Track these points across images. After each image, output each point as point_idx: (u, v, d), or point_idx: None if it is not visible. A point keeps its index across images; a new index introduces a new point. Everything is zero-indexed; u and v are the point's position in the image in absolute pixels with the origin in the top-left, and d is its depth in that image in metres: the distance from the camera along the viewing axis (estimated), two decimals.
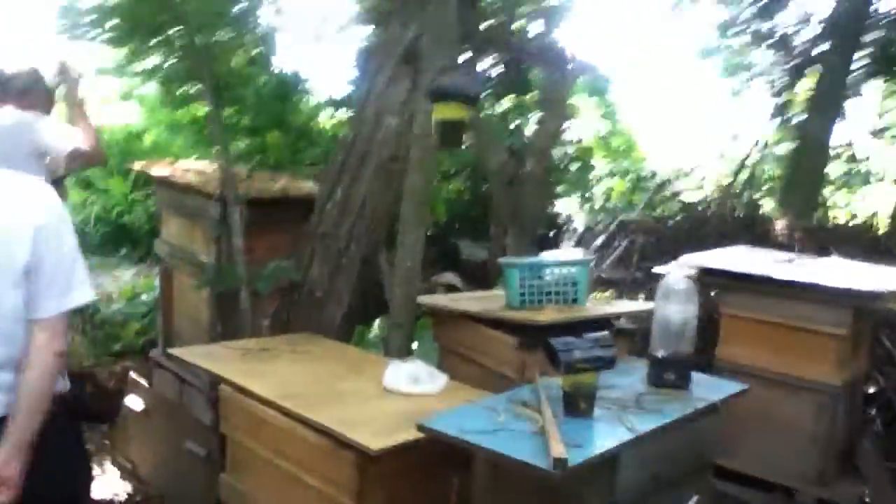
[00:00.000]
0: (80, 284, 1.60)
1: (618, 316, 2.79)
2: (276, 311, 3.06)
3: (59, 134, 2.80)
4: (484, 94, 4.36)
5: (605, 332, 1.99)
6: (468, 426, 1.73)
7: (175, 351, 2.64)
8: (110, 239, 8.32)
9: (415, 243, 2.82)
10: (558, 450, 1.56)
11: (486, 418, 1.80)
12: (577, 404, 1.85)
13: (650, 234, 5.39)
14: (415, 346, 3.05)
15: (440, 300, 3.02)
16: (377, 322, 3.55)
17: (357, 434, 1.87)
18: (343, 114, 6.07)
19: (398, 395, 2.24)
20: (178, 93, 5.11)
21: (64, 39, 4.24)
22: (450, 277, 5.47)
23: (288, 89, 6.19)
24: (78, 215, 8.31)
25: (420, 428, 1.76)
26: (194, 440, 3.10)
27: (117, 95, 9.09)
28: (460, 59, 2.81)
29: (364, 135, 2.95)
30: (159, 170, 3.89)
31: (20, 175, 1.64)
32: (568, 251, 4.20)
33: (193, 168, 3.89)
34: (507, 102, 5.81)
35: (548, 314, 2.57)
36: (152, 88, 7.66)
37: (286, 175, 3.72)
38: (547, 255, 2.92)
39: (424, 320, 3.16)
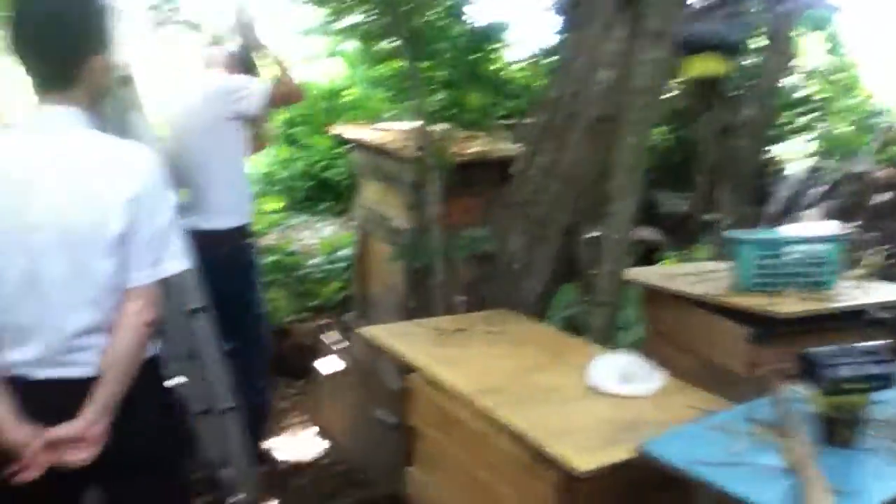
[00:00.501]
0: (171, 256, 1.55)
1: (884, 306, 2.31)
2: (471, 284, 2.85)
3: (254, 89, 2.77)
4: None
5: (883, 343, 1.57)
6: (698, 454, 1.42)
7: (364, 330, 2.52)
8: (313, 194, 8.61)
9: (625, 214, 2.49)
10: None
11: (720, 444, 1.47)
12: (840, 432, 1.48)
13: (887, 186, 4.60)
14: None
15: (651, 276, 2.69)
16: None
17: (560, 447, 1.62)
18: (541, 64, 5.75)
19: (606, 396, 1.95)
20: (375, 48, 5.08)
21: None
22: (647, 233, 5.02)
23: (484, 40, 5.91)
24: (284, 171, 8.68)
25: (641, 453, 1.47)
26: (385, 407, 3.02)
27: (322, 54, 9.26)
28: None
29: (572, 92, 2.62)
30: (354, 132, 3.81)
31: (118, 140, 1.59)
32: (814, 223, 3.62)
33: (390, 129, 3.77)
34: None
35: (789, 303, 2.17)
36: (354, 46, 7.73)
37: (480, 135, 3.49)
38: (785, 230, 2.48)
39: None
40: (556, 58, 3.02)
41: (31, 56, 1.49)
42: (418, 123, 2.95)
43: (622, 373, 2.01)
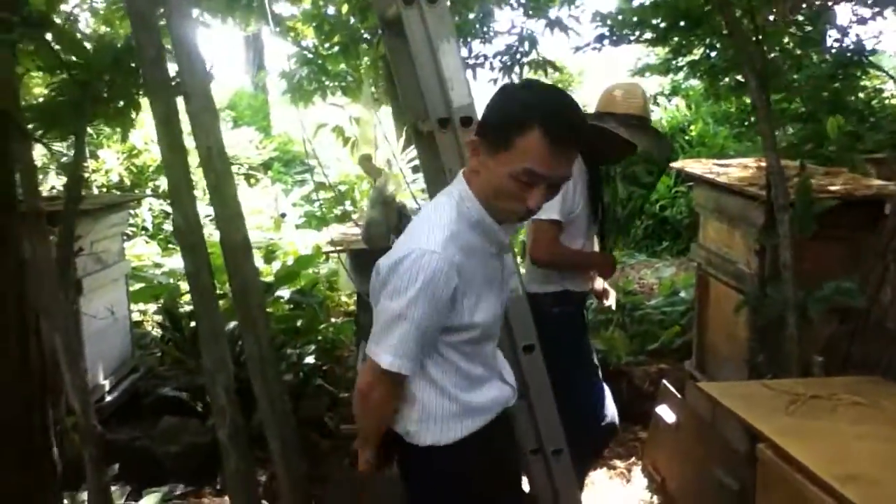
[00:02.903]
0: (382, 348, 1.56)
1: None
2: (831, 343, 2.45)
3: None
4: None
5: None
6: None
7: (706, 386, 2.27)
8: (652, 233, 8.40)
9: None
10: None
11: None
12: None
13: None
14: None
15: None
16: None
17: None
18: None
19: None
20: (722, 83, 4.82)
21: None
22: None
23: (848, 66, 5.25)
24: (624, 209, 8.61)
25: None
26: (725, 469, 2.72)
27: (663, 91, 9.09)
28: None
29: None
30: (697, 167, 3.57)
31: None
32: None
33: (735, 165, 3.47)
34: None
35: None
36: (697, 82, 7.45)
37: (842, 171, 3.03)
38: None
39: None
40: None
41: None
42: (768, 159, 2.63)
43: None
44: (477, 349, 1.68)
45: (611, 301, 2.99)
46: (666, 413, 3.43)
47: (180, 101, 2.23)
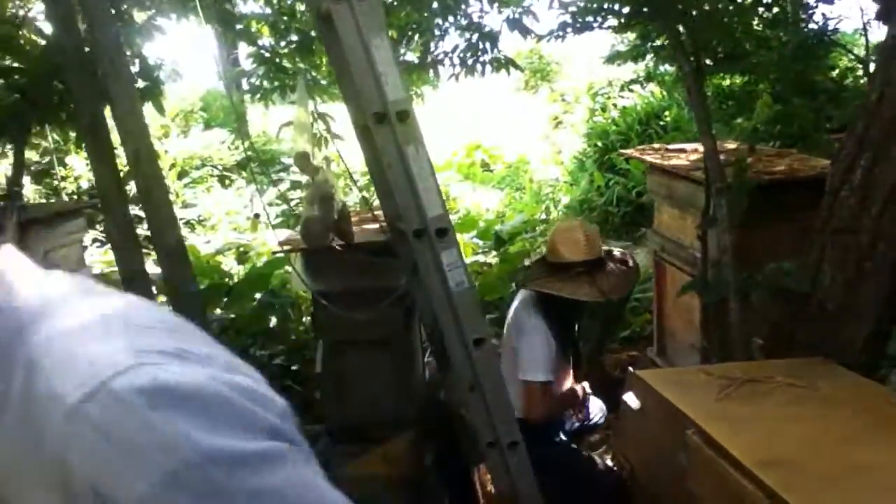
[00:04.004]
0: None
1: None
2: (774, 327, 2.45)
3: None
4: None
5: None
6: None
7: (641, 373, 2.28)
8: (630, 219, 8.39)
9: None
10: None
11: None
12: None
13: None
14: None
15: None
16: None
17: None
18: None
19: None
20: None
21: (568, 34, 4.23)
22: None
23: (814, 46, 5.24)
24: (601, 197, 8.59)
25: None
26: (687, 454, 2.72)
27: (638, 77, 9.06)
28: None
29: (892, 95, 2.13)
30: (649, 155, 3.56)
31: None
32: None
33: (691, 150, 3.46)
34: None
35: None
36: (670, 67, 7.42)
37: (792, 152, 3.03)
38: None
39: None
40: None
41: None
42: (703, 143, 2.62)
43: None
44: None
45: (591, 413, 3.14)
46: (632, 400, 3.43)
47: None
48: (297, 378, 4.40)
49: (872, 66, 5.13)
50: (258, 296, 5.13)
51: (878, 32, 2.49)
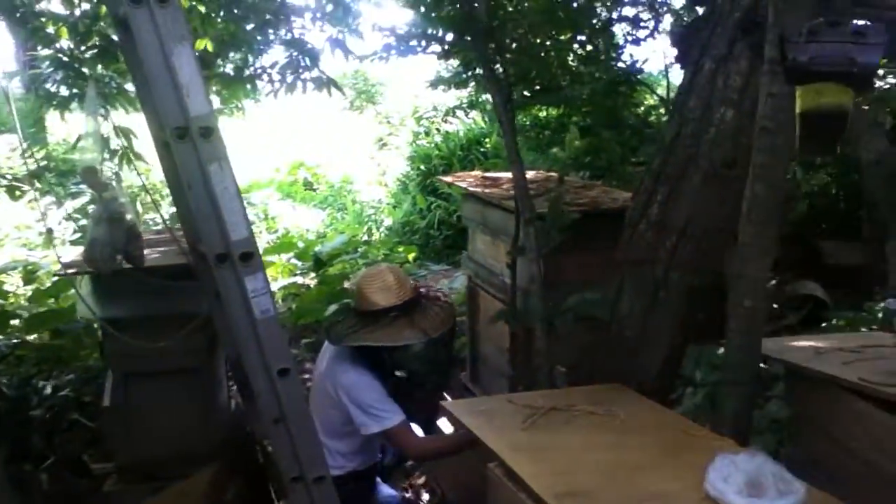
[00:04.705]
0: None
1: None
2: (579, 355, 2.51)
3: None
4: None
5: None
6: None
7: (447, 405, 2.24)
8: (451, 242, 8.52)
9: (757, 278, 2.07)
10: None
11: None
12: None
13: None
14: None
15: (796, 352, 2.22)
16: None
17: None
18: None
19: None
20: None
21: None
22: (811, 287, 4.50)
23: (623, 84, 5.59)
24: (422, 220, 8.67)
25: None
26: None
27: (461, 104, 9.25)
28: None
29: (687, 134, 2.26)
30: (465, 180, 3.59)
31: None
32: None
33: (499, 178, 3.52)
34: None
35: None
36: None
37: (597, 184, 3.15)
38: None
39: None
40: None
41: None
42: (513, 172, 2.65)
43: (749, 479, 1.60)
44: None
45: None
46: (445, 425, 3.42)
47: None
48: (87, 411, 4.02)
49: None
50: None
51: (679, 74, 2.65)
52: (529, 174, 3.60)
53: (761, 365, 2.25)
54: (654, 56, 6.73)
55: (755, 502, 1.56)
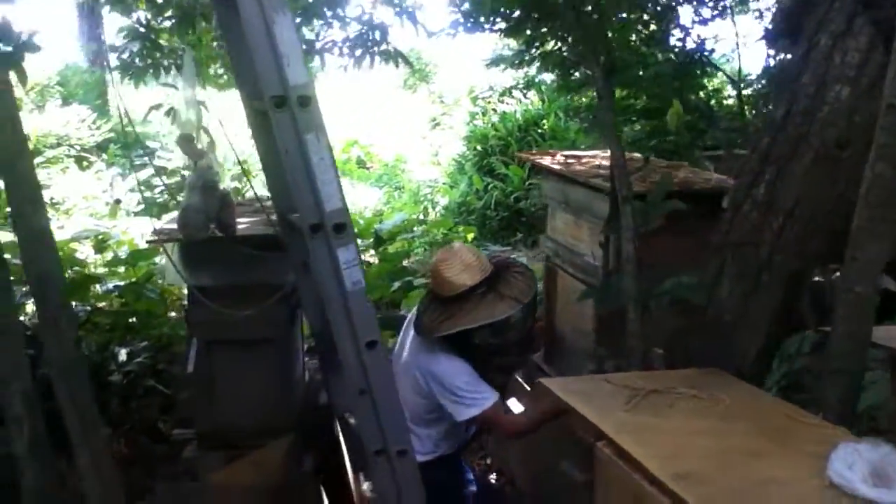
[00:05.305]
0: None
1: None
2: (674, 337, 2.46)
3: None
4: None
5: None
6: None
7: (548, 382, 2.21)
8: (507, 224, 8.49)
9: (872, 262, 1.99)
10: None
11: None
12: None
13: None
14: None
15: None
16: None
17: None
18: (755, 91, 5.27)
19: (852, 499, 1.51)
20: (573, 77, 4.86)
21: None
22: (886, 281, 4.35)
23: (689, 66, 5.46)
24: (479, 201, 8.64)
25: None
26: (573, 462, 2.70)
27: (517, 84, 9.17)
28: None
29: (798, 112, 2.18)
30: (546, 159, 3.55)
31: None
32: None
33: (582, 157, 3.47)
34: None
35: None
36: (550, 76, 7.55)
37: (683, 164, 3.08)
38: None
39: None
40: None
41: None
42: (611, 150, 2.60)
43: (874, 469, 1.55)
44: None
45: None
46: (515, 406, 3.40)
47: None
48: (162, 378, 4.09)
49: (744, 88, 5.39)
50: (110, 286, 4.74)
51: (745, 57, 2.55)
52: (602, 155, 3.55)
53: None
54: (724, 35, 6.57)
55: (883, 492, 1.51)
